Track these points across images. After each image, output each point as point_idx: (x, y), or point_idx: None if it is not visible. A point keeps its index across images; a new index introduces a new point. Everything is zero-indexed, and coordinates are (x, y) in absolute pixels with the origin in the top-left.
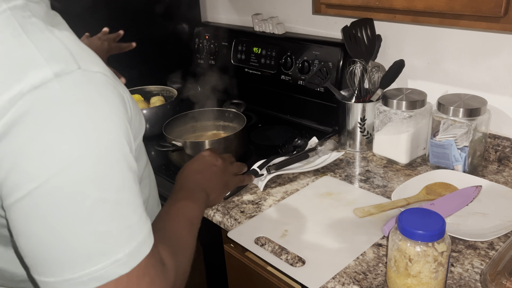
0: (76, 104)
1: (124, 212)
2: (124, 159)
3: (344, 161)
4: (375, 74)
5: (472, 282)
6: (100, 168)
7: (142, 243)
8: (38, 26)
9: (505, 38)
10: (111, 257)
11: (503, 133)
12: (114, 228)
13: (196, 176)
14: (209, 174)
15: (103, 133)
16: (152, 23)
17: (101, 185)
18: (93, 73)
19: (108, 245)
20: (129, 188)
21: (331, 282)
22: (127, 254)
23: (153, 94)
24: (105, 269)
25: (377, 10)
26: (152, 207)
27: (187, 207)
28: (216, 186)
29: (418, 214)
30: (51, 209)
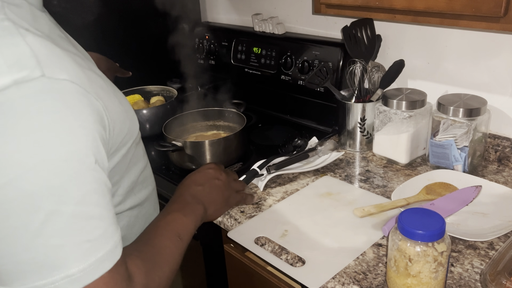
0: (34, 113)
1: (82, 226)
2: (86, 171)
3: (344, 161)
4: (375, 74)
5: (472, 282)
6: (56, 180)
7: (101, 260)
8: (9, 31)
9: (505, 38)
10: (63, 272)
11: (503, 133)
12: (69, 242)
13: (196, 187)
14: (210, 187)
15: (61, 144)
16: (152, 23)
17: (56, 197)
18: (58, 80)
19: (61, 259)
20: (91, 201)
21: (331, 282)
22: (81, 270)
23: (153, 94)
24: (55, 283)
25: (377, 10)
26: (148, 210)
27: (178, 221)
28: (216, 200)
29: (418, 214)
30: (1, 219)
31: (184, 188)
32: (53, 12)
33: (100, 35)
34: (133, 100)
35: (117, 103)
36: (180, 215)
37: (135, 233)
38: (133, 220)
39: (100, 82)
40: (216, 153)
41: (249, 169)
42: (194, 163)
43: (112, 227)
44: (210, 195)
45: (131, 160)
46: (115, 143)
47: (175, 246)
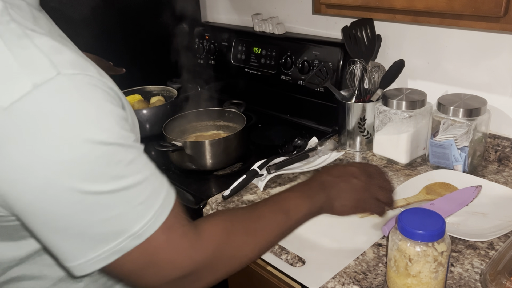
0: (61, 111)
1: (131, 194)
2: (124, 148)
3: (344, 161)
4: (375, 74)
5: (472, 282)
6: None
7: (157, 214)
8: (16, 33)
9: (505, 38)
10: (126, 233)
11: (503, 133)
12: (124, 211)
13: (327, 177)
14: (343, 181)
15: (96, 131)
16: (152, 23)
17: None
18: (74, 75)
19: (121, 226)
20: (133, 171)
21: (331, 282)
22: (141, 227)
23: (153, 94)
24: (121, 244)
25: (377, 10)
26: None
27: (291, 199)
28: (345, 197)
29: (418, 214)
30: (57, 211)
31: (316, 175)
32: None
33: (100, 35)
34: (133, 100)
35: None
36: (297, 195)
37: None
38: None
39: (105, 76)
40: (216, 153)
41: (249, 169)
42: (194, 163)
43: (157, 182)
44: (340, 189)
45: None
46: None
47: (277, 220)
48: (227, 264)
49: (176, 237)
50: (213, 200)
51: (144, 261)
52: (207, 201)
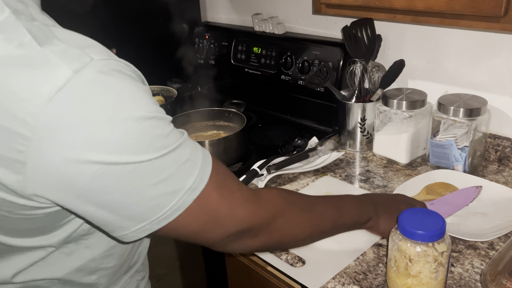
0: (104, 92)
1: (176, 155)
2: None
3: (344, 161)
4: (375, 74)
5: (472, 282)
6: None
7: (203, 167)
8: (41, 29)
9: (505, 38)
10: (183, 189)
11: (503, 133)
12: (175, 171)
13: (378, 197)
14: (392, 202)
15: (141, 105)
16: (152, 23)
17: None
18: (104, 60)
19: (178, 184)
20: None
21: (331, 282)
22: (194, 180)
23: (153, 94)
24: (181, 199)
25: (377, 10)
26: None
27: (345, 200)
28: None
29: (418, 214)
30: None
31: (365, 194)
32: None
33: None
34: None
35: None
36: (349, 199)
37: None
38: None
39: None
40: (216, 153)
41: (249, 169)
42: None
43: (191, 142)
44: (388, 209)
45: None
46: None
47: (330, 212)
48: (280, 234)
49: (231, 193)
50: None
51: (205, 218)
52: None
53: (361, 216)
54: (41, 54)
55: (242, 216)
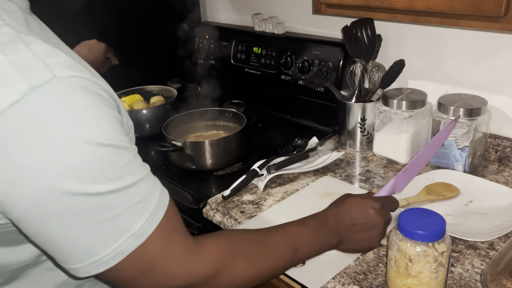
0: (57, 114)
1: (129, 193)
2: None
3: (344, 161)
4: (375, 74)
5: (472, 282)
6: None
7: (155, 212)
8: (10, 37)
9: (505, 38)
10: (128, 232)
11: (503, 133)
12: (124, 210)
13: (346, 223)
14: (360, 231)
15: (91, 133)
16: (152, 23)
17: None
18: (69, 78)
19: (124, 224)
20: (129, 172)
21: (331, 282)
22: (141, 225)
23: (153, 94)
24: (124, 244)
25: (377, 10)
26: None
27: (305, 237)
28: (357, 243)
29: (418, 214)
30: (57, 213)
31: (337, 214)
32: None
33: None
34: (133, 100)
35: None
36: (311, 233)
37: None
38: None
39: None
40: (216, 153)
41: (249, 169)
42: (194, 163)
43: (152, 182)
44: (354, 237)
45: None
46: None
47: (284, 253)
48: (224, 287)
49: (174, 246)
50: (213, 200)
51: (142, 268)
52: (207, 201)
53: (320, 248)
54: (1, 64)
55: (179, 275)
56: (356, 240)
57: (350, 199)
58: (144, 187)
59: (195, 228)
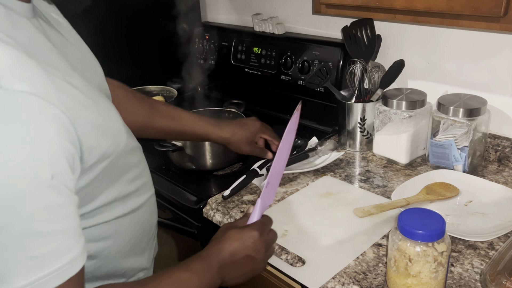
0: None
1: (27, 243)
2: (39, 187)
3: (344, 161)
4: (375, 74)
5: (472, 282)
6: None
7: (48, 277)
8: None
9: (505, 38)
10: (5, 286)
11: (503, 133)
12: (12, 258)
13: (226, 263)
14: (242, 266)
15: (13, 158)
16: (152, 23)
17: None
18: (16, 92)
19: (3, 274)
20: (41, 218)
21: (331, 282)
22: (23, 286)
23: (153, 94)
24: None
25: (377, 10)
26: (142, 217)
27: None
28: (240, 277)
29: (418, 214)
30: None
31: (219, 252)
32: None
33: (100, 35)
34: None
35: (96, 115)
36: (196, 279)
37: (127, 241)
38: (124, 228)
39: (75, 93)
40: (216, 153)
41: (249, 169)
42: (194, 163)
43: (68, 244)
44: (237, 272)
45: (119, 171)
46: (93, 156)
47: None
48: None
49: None
50: (213, 200)
51: None
52: (207, 201)
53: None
54: None
55: None
56: (239, 275)
57: (230, 233)
58: (51, 244)
59: (195, 228)
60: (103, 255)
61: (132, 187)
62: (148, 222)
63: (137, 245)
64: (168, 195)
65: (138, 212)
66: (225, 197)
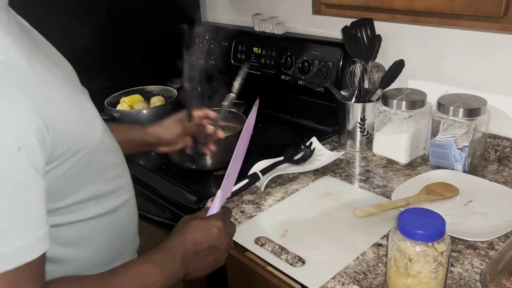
0: None
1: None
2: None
3: (344, 161)
4: (375, 74)
5: (472, 282)
6: None
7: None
8: None
9: (505, 38)
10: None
11: (503, 133)
12: None
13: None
14: (205, 256)
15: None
16: (152, 23)
17: None
18: None
19: None
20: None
21: (331, 282)
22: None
23: (153, 94)
24: None
25: (377, 10)
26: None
27: (149, 276)
28: (203, 268)
29: (418, 214)
30: None
31: (182, 243)
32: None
33: (100, 35)
34: (133, 100)
35: (69, 101)
36: (158, 271)
37: (103, 242)
38: (100, 229)
39: (48, 75)
40: (216, 153)
41: (249, 169)
42: (194, 163)
43: (24, 228)
44: (200, 264)
45: (96, 168)
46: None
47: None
48: None
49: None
50: None
51: None
52: (207, 201)
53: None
54: None
55: None
56: (202, 266)
57: (192, 223)
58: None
59: None
60: (75, 258)
61: (110, 187)
62: (127, 226)
63: (113, 250)
64: (168, 195)
65: (115, 214)
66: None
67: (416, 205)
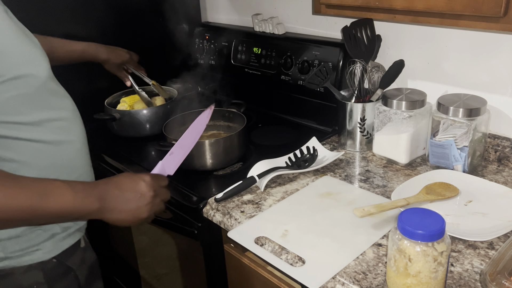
0: None
1: None
2: None
3: (344, 161)
4: (375, 74)
5: (471, 282)
6: None
7: None
8: None
9: (505, 38)
10: None
11: (502, 133)
12: None
13: (113, 190)
14: (130, 200)
15: None
16: (152, 23)
17: None
18: None
19: None
20: None
21: (331, 282)
22: None
23: (153, 94)
24: None
25: (377, 10)
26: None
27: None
28: (125, 211)
29: (418, 214)
30: None
31: (106, 182)
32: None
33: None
34: (133, 100)
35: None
36: (69, 189)
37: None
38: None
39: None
40: (216, 153)
41: (249, 169)
42: (194, 163)
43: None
44: (120, 207)
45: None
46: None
47: (31, 193)
48: None
49: None
50: (213, 200)
51: None
52: (207, 201)
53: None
54: None
55: None
56: (122, 210)
57: (124, 173)
58: None
59: (196, 228)
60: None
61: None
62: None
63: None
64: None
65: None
66: (218, 200)
67: (416, 205)
